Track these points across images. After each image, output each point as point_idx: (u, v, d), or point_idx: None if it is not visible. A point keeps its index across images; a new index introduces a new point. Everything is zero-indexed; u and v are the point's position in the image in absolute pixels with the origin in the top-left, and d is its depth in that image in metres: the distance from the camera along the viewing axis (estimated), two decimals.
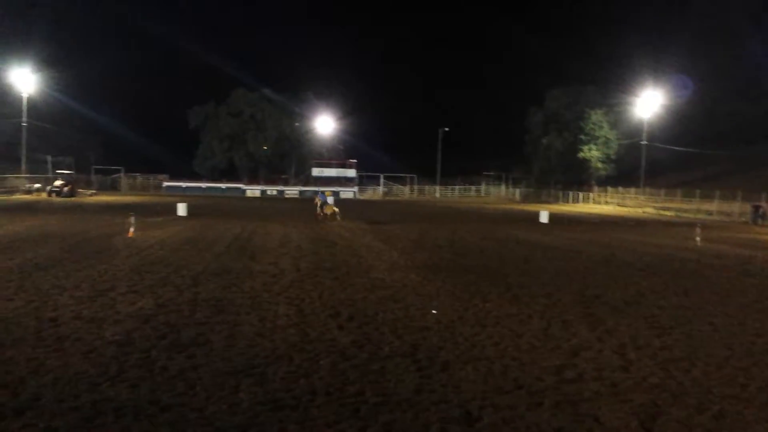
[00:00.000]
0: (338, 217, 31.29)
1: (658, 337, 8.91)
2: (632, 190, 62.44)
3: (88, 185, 65.42)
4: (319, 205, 32.96)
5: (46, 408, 5.77)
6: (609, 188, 66.88)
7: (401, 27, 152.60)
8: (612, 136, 70.49)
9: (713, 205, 47.63)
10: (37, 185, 55.78)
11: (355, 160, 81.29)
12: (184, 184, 74.26)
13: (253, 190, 74.86)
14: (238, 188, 75.06)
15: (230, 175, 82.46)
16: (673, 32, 73.41)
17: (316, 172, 79.34)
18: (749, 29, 66.93)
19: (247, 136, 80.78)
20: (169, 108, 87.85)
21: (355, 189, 78.13)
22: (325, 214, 31.77)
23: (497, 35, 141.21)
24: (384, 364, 7.33)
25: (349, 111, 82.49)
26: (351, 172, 79.99)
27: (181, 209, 32.28)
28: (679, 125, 66.03)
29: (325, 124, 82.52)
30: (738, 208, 44.16)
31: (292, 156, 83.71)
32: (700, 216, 45.64)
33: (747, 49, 65.97)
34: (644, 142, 62.09)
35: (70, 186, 52.83)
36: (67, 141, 71.38)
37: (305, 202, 61.08)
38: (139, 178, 77.26)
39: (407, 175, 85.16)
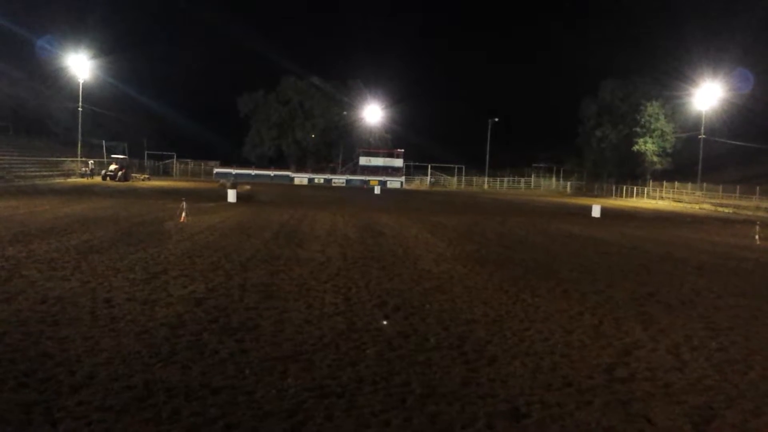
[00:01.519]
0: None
1: (714, 338, 8.64)
2: (689, 185, 60.70)
3: (141, 170, 67.05)
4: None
5: (101, 386, 5.91)
6: (664, 183, 65.19)
7: (453, 16, 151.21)
8: (668, 128, 68.66)
9: None
10: (91, 163, 57.40)
11: (402, 150, 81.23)
12: (233, 171, 75.44)
13: (300, 178, 75.69)
14: (286, 176, 75.96)
15: (278, 162, 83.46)
16: (734, 22, 70.84)
17: (363, 161, 79.59)
18: None
19: (295, 124, 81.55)
20: (220, 95, 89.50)
21: (402, 179, 78.10)
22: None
23: (551, 24, 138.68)
24: (430, 356, 7.28)
25: (397, 100, 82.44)
26: (398, 162, 79.98)
27: (231, 196, 32.80)
28: (740, 119, 63.79)
29: (372, 113, 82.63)
30: None
31: (340, 144, 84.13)
32: (760, 213, 44.04)
33: None
34: (702, 136, 60.20)
35: (124, 170, 54.24)
36: (122, 126, 73.37)
37: (352, 190, 61.39)
38: (191, 164, 78.84)
39: (455, 165, 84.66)
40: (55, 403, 5.51)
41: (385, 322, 8.73)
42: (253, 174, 75.24)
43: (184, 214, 21.33)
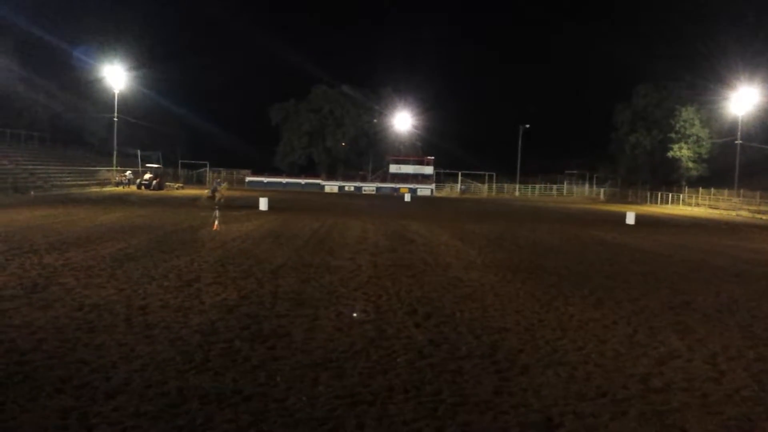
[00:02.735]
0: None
1: (753, 348, 8.44)
2: (725, 191, 59.41)
3: (175, 179, 68.06)
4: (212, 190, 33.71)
5: (135, 393, 6.00)
6: (700, 189, 63.93)
7: (480, 21, 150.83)
8: (704, 134, 67.36)
9: None
10: (129, 173, 58.48)
11: (432, 157, 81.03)
12: (265, 179, 76.19)
13: (331, 186, 75.95)
14: (317, 184, 76.31)
15: (309, 170, 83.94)
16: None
17: (393, 168, 79.58)
18: None
19: (325, 132, 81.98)
20: (253, 105, 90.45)
21: (432, 186, 77.92)
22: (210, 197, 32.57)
23: (583, 30, 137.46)
24: (461, 364, 7.25)
25: (427, 107, 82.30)
26: (428, 169, 79.77)
27: (263, 204, 33.08)
28: None
29: (402, 121, 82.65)
30: None
31: (370, 152, 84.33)
32: None
33: None
34: (739, 142, 58.93)
35: (158, 179, 55.13)
36: (156, 136, 74.56)
37: (383, 198, 61.47)
38: (223, 173, 79.72)
39: (486, 172, 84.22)
40: (91, 409, 5.61)
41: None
42: (284, 182, 75.81)
43: (216, 222, 21.58)
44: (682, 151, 67.84)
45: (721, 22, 73.95)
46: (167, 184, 58.57)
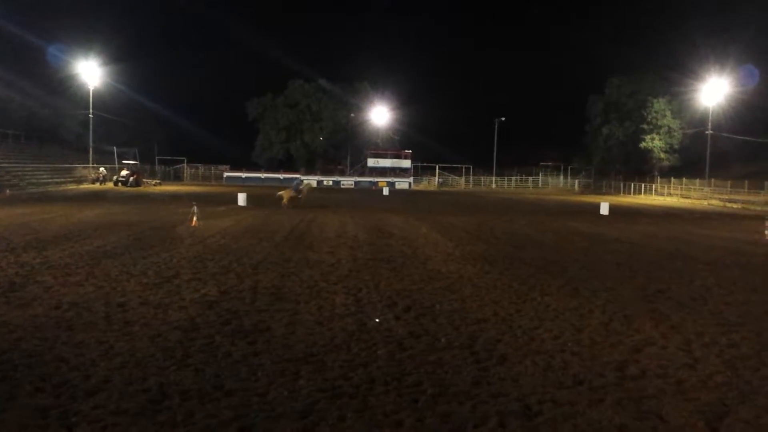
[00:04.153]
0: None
1: (726, 334, 8.63)
2: (697, 181, 60.35)
3: (152, 175, 67.39)
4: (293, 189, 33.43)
5: (116, 390, 5.99)
6: (672, 179, 64.88)
7: (456, 17, 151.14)
8: (675, 125, 68.39)
9: None
10: (102, 170, 57.77)
11: (410, 151, 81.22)
12: (243, 175, 75.75)
13: (309, 181, 75.60)
14: (295, 178, 75.89)
15: (287, 165, 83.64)
16: (740, 17, 70.43)
17: (371, 162, 79.61)
18: None
19: (303, 127, 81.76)
20: (229, 100, 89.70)
21: (410, 179, 78.10)
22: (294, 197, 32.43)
23: (555, 22, 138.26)
24: (441, 356, 7.33)
25: (404, 101, 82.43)
26: (406, 163, 79.95)
27: (242, 199, 32.92)
28: (748, 114, 63.37)
29: (380, 115, 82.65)
30: None
31: (348, 147, 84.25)
32: None
33: None
34: (709, 132, 59.88)
35: (135, 176, 54.59)
36: (132, 132, 73.78)
37: (361, 192, 61.45)
38: (201, 169, 79.09)
39: (463, 165, 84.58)
40: (71, 407, 5.60)
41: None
42: (262, 177, 75.41)
43: (195, 218, 21.45)
44: (654, 142, 68.81)
45: (692, 14, 74.99)
46: (144, 180, 57.97)
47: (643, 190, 66.57)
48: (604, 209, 34.54)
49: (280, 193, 33.02)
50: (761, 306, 10.59)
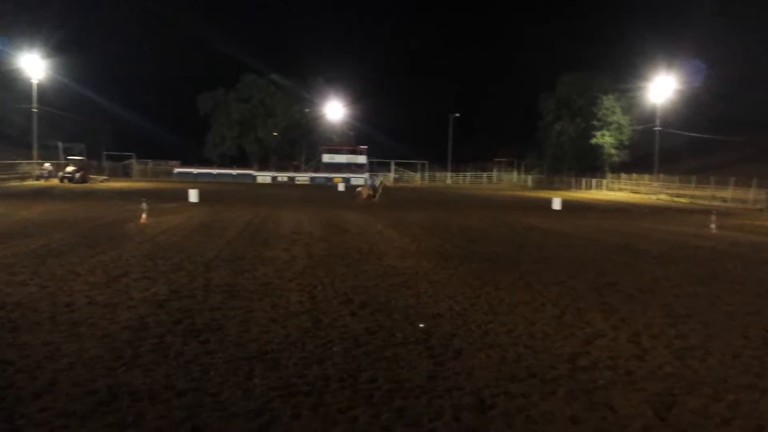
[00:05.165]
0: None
1: (673, 326, 8.85)
2: (646, 176, 61.91)
3: (99, 171, 65.72)
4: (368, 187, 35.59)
5: (63, 392, 5.81)
6: (622, 174, 66.44)
7: (410, 12, 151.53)
8: (625, 121, 69.99)
9: (728, 192, 47.13)
10: (47, 165, 56.09)
11: (365, 147, 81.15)
12: (195, 171, 74.40)
13: (263, 177, 74.90)
14: (249, 174, 75.10)
15: (241, 161, 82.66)
16: (687, 15, 72.49)
17: (326, 158, 79.27)
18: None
19: (256, 122, 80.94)
20: (179, 94, 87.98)
21: (366, 175, 78.05)
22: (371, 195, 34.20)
23: (509, 19, 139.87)
24: (397, 351, 7.32)
25: (359, 97, 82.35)
26: (362, 159, 79.85)
27: (193, 195, 32.38)
28: (695, 111, 65.34)
29: (335, 110, 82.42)
30: (753, 195, 43.71)
31: (302, 142, 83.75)
32: (715, 203, 45.20)
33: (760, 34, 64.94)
34: (657, 128, 61.50)
35: (81, 172, 53.09)
36: (79, 127, 71.74)
37: (317, 188, 61.16)
38: (150, 165, 77.44)
39: (418, 161, 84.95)
40: (17, 410, 5.40)
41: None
42: (214, 173, 74.31)
43: (144, 216, 21.00)
44: (604, 138, 70.33)
45: (641, 12, 76.78)
46: (91, 176, 56.47)
47: (594, 186, 67.99)
48: (557, 204, 35.14)
49: (358, 189, 35.36)
50: (708, 298, 10.90)
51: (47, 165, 56.48)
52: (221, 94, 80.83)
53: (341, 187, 60.35)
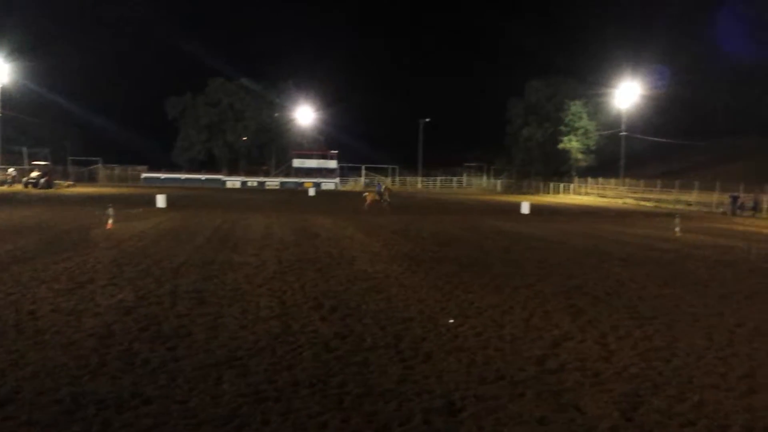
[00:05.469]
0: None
1: (639, 327, 8.99)
2: (612, 180, 62.92)
3: (65, 177, 64.52)
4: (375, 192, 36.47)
5: (27, 401, 5.70)
6: (589, 179, 67.37)
7: (381, 17, 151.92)
8: (591, 127, 71.01)
9: (692, 196, 48.12)
10: (12, 170, 54.92)
11: (336, 151, 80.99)
12: (162, 176, 73.51)
13: (233, 182, 74.23)
14: (218, 179, 74.38)
15: (209, 166, 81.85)
16: (652, 23, 73.83)
17: (296, 162, 78.93)
18: (723, 20, 67.50)
19: (225, 127, 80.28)
20: (147, 98, 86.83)
21: (337, 180, 77.91)
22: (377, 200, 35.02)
23: (478, 25, 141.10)
24: (367, 356, 7.32)
25: (329, 101, 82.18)
26: (332, 163, 79.68)
27: (161, 201, 31.98)
28: (659, 116, 66.65)
29: (305, 115, 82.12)
30: (716, 198, 44.66)
31: (272, 147, 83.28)
32: (680, 206, 46.10)
33: (722, 40, 66.59)
34: (623, 133, 62.58)
35: (47, 177, 52.09)
36: (44, 132, 70.39)
37: (287, 193, 60.86)
38: (117, 170, 76.22)
39: (389, 166, 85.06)
40: None
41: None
42: (183, 178, 73.46)
43: (111, 221, 20.68)
44: (571, 143, 71.27)
45: (608, 19, 78.05)
46: (56, 182, 55.42)
47: (561, 190, 68.82)
48: (525, 208, 35.50)
49: (364, 194, 35.73)
50: (672, 299, 11.10)
51: (11, 170, 55.30)
52: (190, 99, 79.99)
53: (312, 191, 60.19)
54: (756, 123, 64.80)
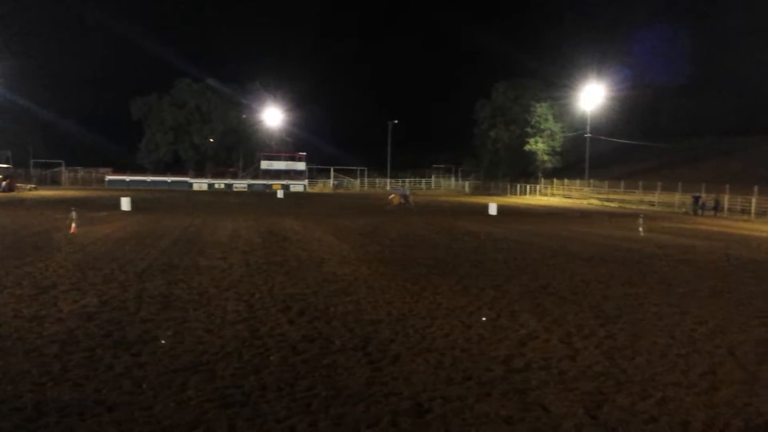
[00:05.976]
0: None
1: (603, 326, 9.14)
2: (577, 181, 63.82)
3: (27, 179, 63.17)
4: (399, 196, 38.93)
5: None
6: (555, 180, 68.22)
7: (349, 19, 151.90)
8: (557, 128, 71.95)
9: (655, 197, 49.06)
10: None
11: (304, 153, 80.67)
12: (127, 178, 72.42)
13: (200, 184, 73.36)
14: (185, 182, 73.46)
15: (176, 168, 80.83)
16: (617, 25, 75.20)
17: (264, 165, 78.34)
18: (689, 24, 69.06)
19: (192, 128, 79.37)
20: (111, 99, 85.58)
21: (305, 182, 77.59)
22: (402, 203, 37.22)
23: (446, 28, 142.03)
24: (335, 358, 7.31)
25: (297, 103, 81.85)
26: (301, 165, 79.29)
27: (125, 204, 31.50)
28: (623, 118, 67.85)
29: (273, 116, 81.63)
30: (678, 198, 45.58)
31: (240, 149, 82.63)
32: (643, 207, 46.98)
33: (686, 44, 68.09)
34: (588, 135, 63.52)
35: (8, 180, 50.96)
36: (5, 134, 68.78)
37: (255, 195, 60.40)
38: (81, 172, 74.86)
39: (358, 168, 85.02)
40: None
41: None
42: (148, 180, 72.44)
43: (74, 225, 20.30)
44: (537, 145, 72.13)
45: (574, 23, 79.23)
46: (18, 185, 54.24)
47: (528, 191, 69.53)
48: (493, 210, 35.77)
49: (390, 196, 38.84)
50: (636, 299, 11.30)
51: None
52: (155, 100, 78.91)
53: (280, 194, 59.85)
54: (710, 125, 66.40)
